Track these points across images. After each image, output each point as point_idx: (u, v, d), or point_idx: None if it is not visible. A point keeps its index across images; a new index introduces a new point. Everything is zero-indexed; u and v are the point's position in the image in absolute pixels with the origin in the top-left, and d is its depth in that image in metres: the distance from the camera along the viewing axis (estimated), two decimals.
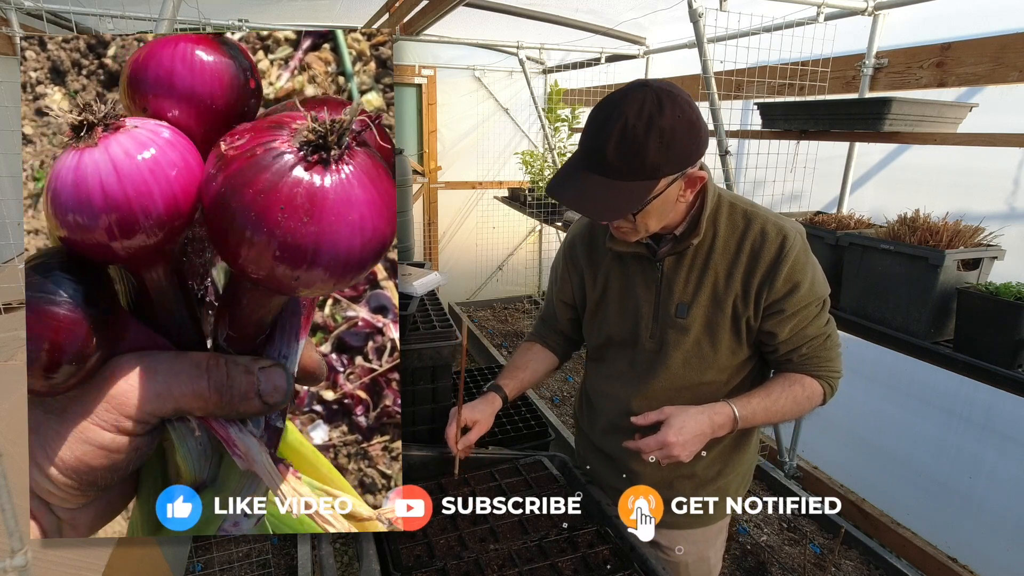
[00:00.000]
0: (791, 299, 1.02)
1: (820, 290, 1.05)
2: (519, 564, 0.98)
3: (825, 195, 2.56)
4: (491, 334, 4.63)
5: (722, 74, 2.36)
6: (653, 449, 1.00)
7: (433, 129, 4.64)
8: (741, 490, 1.24)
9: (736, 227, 1.04)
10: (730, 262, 1.04)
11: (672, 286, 1.07)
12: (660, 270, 1.08)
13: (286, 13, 3.52)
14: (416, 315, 1.67)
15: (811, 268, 1.04)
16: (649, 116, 0.89)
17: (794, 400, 1.06)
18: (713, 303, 1.05)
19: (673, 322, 1.08)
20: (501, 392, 1.24)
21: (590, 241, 1.20)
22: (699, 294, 1.06)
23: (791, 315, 1.03)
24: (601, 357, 1.24)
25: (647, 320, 1.11)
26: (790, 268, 1.00)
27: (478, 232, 5.08)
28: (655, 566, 0.96)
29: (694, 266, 1.06)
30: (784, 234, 1.01)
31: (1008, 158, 1.96)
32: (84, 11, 2.65)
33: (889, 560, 2.28)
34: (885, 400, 2.46)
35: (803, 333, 1.05)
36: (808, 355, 1.07)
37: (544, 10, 3.30)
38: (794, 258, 1.00)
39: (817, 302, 1.04)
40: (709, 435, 1.01)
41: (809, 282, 1.02)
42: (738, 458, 1.19)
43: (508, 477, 1.23)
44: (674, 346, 1.08)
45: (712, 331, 1.06)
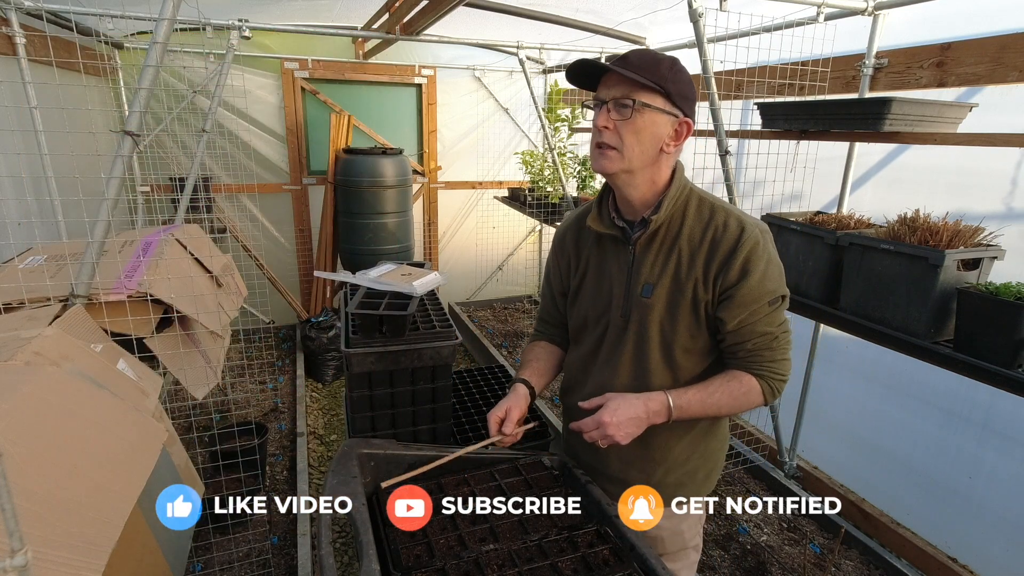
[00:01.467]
0: (743, 287, 1.07)
1: (772, 286, 1.09)
2: (519, 564, 0.98)
3: (825, 195, 2.57)
4: (491, 334, 4.63)
5: (722, 74, 2.36)
6: (591, 428, 1.08)
7: (433, 129, 4.64)
8: (711, 475, 1.29)
9: (702, 218, 1.13)
10: (694, 248, 1.12)
11: (640, 268, 1.16)
12: (632, 252, 1.17)
13: (286, 13, 3.52)
14: (416, 315, 1.68)
15: (766, 263, 1.09)
16: (661, 52, 1.09)
17: (731, 395, 1.11)
18: (675, 284, 1.13)
19: (639, 301, 1.15)
20: (523, 381, 1.31)
21: (577, 231, 1.29)
22: (663, 275, 1.13)
23: (740, 305, 1.08)
24: (579, 339, 1.31)
25: (619, 299, 1.19)
26: (744, 258, 1.07)
27: (478, 232, 5.08)
28: (655, 565, 0.96)
29: (661, 250, 1.14)
30: (743, 227, 1.09)
31: (1007, 158, 1.96)
32: (84, 11, 2.65)
33: (889, 560, 2.28)
34: (885, 400, 2.46)
35: (751, 328, 1.10)
36: (753, 352, 1.11)
37: (544, 10, 3.31)
38: (749, 249, 1.07)
39: (769, 298, 1.09)
40: (644, 420, 1.09)
41: (760, 275, 1.08)
42: (707, 443, 1.26)
43: (508, 477, 1.23)
44: (639, 323, 1.16)
45: (673, 310, 1.13)
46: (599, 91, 1.10)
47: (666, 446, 1.21)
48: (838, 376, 2.67)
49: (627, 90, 1.05)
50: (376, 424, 1.58)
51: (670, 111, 1.06)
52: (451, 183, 4.86)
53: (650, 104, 1.04)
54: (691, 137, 1.14)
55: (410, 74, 4.44)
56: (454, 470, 1.26)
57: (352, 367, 1.50)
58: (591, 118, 1.13)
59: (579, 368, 1.31)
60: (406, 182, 3.98)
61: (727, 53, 2.11)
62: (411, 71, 4.44)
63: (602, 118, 1.07)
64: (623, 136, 1.07)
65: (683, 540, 1.28)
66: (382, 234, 3.94)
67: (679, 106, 1.07)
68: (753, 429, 3.07)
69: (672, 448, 1.21)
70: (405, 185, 3.98)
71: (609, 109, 1.07)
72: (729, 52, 2.11)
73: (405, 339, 1.52)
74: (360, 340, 1.51)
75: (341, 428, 3.39)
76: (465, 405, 2.13)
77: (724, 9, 2.03)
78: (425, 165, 4.70)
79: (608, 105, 1.07)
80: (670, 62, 1.06)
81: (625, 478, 1.24)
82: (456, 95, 4.66)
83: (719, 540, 2.50)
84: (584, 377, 1.29)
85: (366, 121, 4.42)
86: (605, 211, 1.22)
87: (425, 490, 1.18)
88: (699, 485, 1.27)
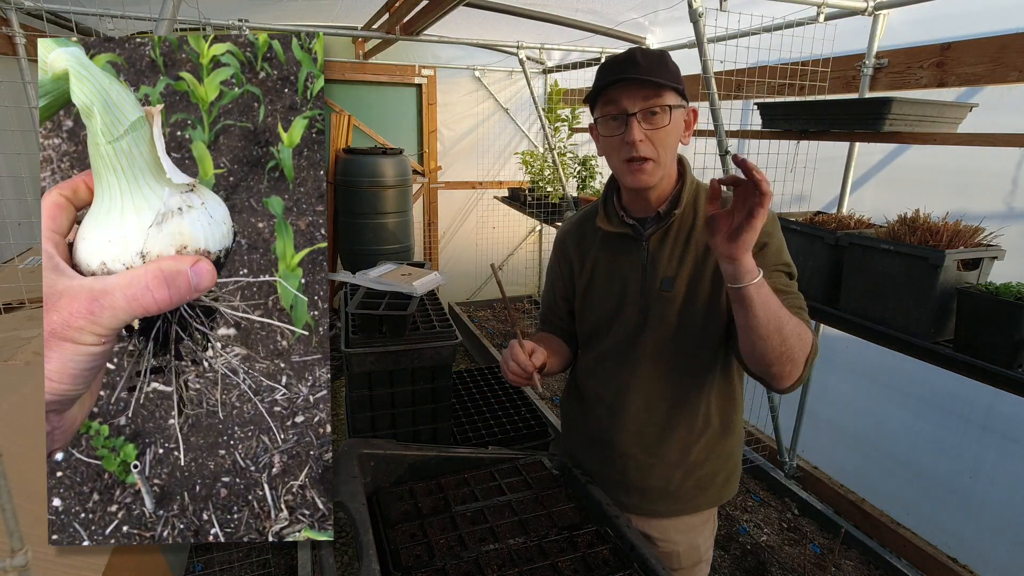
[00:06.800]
0: (763, 255, 1.07)
1: (787, 258, 1.10)
2: (519, 564, 0.98)
3: (825, 195, 2.56)
4: (491, 334, 4.63)
5: (722, 74, 2.36)
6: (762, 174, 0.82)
7: (433, 129, 4.64)
8: (731, 478, 1.26)
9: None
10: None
11: (657, 263, 1.14)
12: (646, 249, 1.15)
13: (286, 13, 3.52)
14: (416, 315, 1.67)
15: (778, 237, 1.10)
16: (651, 48, 1.03)
17: (793, 320, 0.96)
18: (695, 274, 1.11)
19: (659, 295, 1.13)
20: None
21: (579, 234, 1.28)
22: (682, 268, 1.12)
23: (765, 267, 1.02)
24: (590, 342, 1.28)
25: (634, 297, 1.17)
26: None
27: (478, 232, 5.08)
28: (655, 565, 0.96)
29: (677, 243, 1.13)
30: None
31: (1008, 158, 1.96)
32: (84, 11, 2.65)
33: (889, 560, 2.28)
34: (885, 400, 2.46)
35: (776, 288, 1.02)
36: (788, 308, 1.00)
37: (544, 10, 3.31)
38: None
39: (786, 269, 1.09)
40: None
41: (776, 245, 1.08)
42: (724, 443, 1.22)
43: (508, 477, 1.23)
44: (659, 319, 1.13)
45: (694, 301, 1.12)
46: (621, 103, 1.03)
47: (684, 446, 1.18)
48: (838, 376, 2.67)
49: (653, 97, 1.02)
50: (376, 424, 1.58)
51: (683, 104, 1.07)
52: (451, 183, 4.86)
53: (675, 105, 1.04)
54: (691, 137, 1.14)
55: (410, 74, 4.44)
56: (454, 470, 1.26)
57: (352, 367, 1.50)
58: (603, 135, 1.09)
59: (592, 371, 1.26)
60: (406, 182, 3.98)
61: (727, 53, 2.11)
62: (411, 71, 4.44)
63: (636, 132, 1.02)
64: (657, 145, 1.04)
65: (698, 554, 1.26)
66: (382, 234, 3.94)
67: (685, 97, 1.08)
68: (753, 429, 3.06)
69: (690, 448, 1.18)
70: (405, 185, 3.98)
71: (639, 121, 1.02)
72: (729, 52, 2.11)
73: (405, 339, 1.52)
74: (360, 340, 1.51)
75: (341, 428, 3.39)
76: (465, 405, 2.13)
77: (724, 9, 2.03)
78: (425, 165, 4.70)
79: (636, 117, 1.02)
80: (668, 55, 1.07)
81: (644, 486, 1.21)
82: (456, 95, 4.66)
83: (719, 540, 2.50)
84: (599, 379, 1.25)
85: (366, 121, 4.42)
86: (612, 210, 1.20)
87: (425, 490, 1.18)
88: (720, 489, 1.24)
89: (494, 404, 2.30)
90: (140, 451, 0.65)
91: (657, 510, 1.22)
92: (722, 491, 1.24)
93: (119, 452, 0.65)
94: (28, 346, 1.07)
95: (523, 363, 1.09)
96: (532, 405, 2.37)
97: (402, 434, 1.59)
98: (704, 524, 1.26)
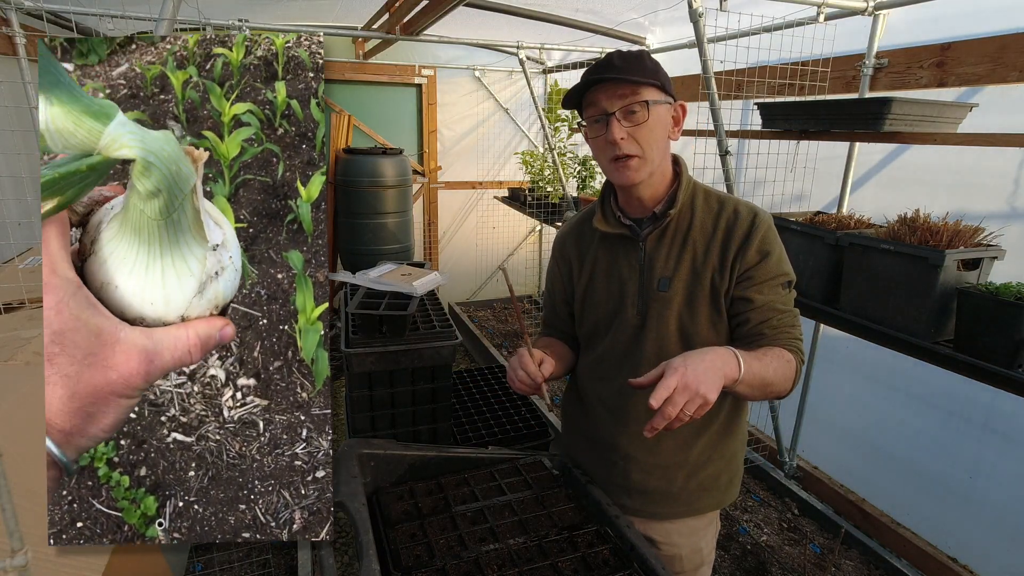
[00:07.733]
0: (763, 267, 1.09)
1: (787, 268, 1.12)
2: (519, 564, 0.98)
3: (825, 195, 2.56)
4: (491, 334, 4.63)
5: (722, 74, 2.36)
6: (671, 389, 0.84)
7: (433, 129, 4.64)
8: (734, 480, 1.26)
9: (711, 209, 1.14)
10: (707, 239, 1.12)
11: (654, 263, 1.15)
12: (643, 249, 1.16)
13: (286, 13, 3.52)
14: (416, 315, 1.67)
15: (779, 245, 1.12)
16: (628, 50, 1.11)
17: (778, 360, 1.02)
18: (692, 275, 1.12)
19: (656, 295, 1.14)
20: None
21: (578, 236, 1.29)
22: (679, 268, 1.13)
23: (763, 283, 1.09)
24: (590, 343, 1.28)
25: (632, 297, 1.17)
26: (761, 240, 1.09)
27: (478, 232, 5.08)
28: (655, 565, 0.96)
29: (674, 243, 1.14)
30: (755, 212, 1.12)
31: (1008, 158, 1.96)
32: (84, 11, 2.65)
33: (889, 560, 2.28)
34: (885, 400, 2.46)
35: (773, 306, 1.10)
36: (779, 328, 1.10)
37: (544, 10, 3.31)
38: (764, 231, 1.10)
39: (784, 279, 1.11)
40: (720, 368, 0.90)
41: (778, 255, 1.11)
42: (727, 444, 1.22)
43: (508, 477, 1.23)
44: (658, 319, 1.14)
45: (692, 302, 1.13)
46: (600, 105, 1.07)
47: (684, 446, 1.18)
48: (838, 376, 2.67)
49: (630, 95, 1.05)
50: (376, 424, 1.58)
51: (666, 100, 1.09)
52: (451, 183, 4.86)
53: (655, 100, 1.06)
54: (691, 137, 1.15)
55: (410, 74, 4.44)
56: (454, 470, 1.26)
57: (352, 367, 1.50)
58: (590, 137, 1.11)
59: (592, 372, 1.26)
60: (406, 182, 3.98)
61: (727, 53, 2.11)
62: (411, 71, 4.44)
63: (616, 131, 1.05)
64: (641, 141, 1.06)
65: (701, 556, 1.26)
66: (382, 234, 3.94)
67: (670, 92, 1.09)
68: (753, 429, 3.06)
69: (691, 448, 1.18)
70: (405, 185, 3.98)
71: (619, 119, 1.05)
72: (729, 52, 2.11)
73: (405, 339, 1.52)
74: (360, 340, 1.51)
75: (341, 428, 3.39)
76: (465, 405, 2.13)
77: (724, 9, 2.03)
78: (425, 165, 4.70)
79: (615, 116, 1.05)
80: (645, 54, 1.09)
81: (646, 488, 1.20)
82: (456, 95, 4.66)
83: (719, 540, 2.49)
84: (600, 380, 1.24)
85: (366, 121, 4.42)
86: (609, 211, 1.21)
87: (425, 490, 1.18)
88: (723, 491, 1.23)
89: (494, 404, 2.31)
90: (160, 503, 0.65)
91: (660, 512, 1.22)
92: (725, 493, 1.24)
93: (140, 504, 0.65)
94: (28, 346, 1.07)
95: (533, 373, 1.10)
96: (532, 405, 2.37)
97: (402, 434, 1.59)
98: (707, 527, 1.26)
